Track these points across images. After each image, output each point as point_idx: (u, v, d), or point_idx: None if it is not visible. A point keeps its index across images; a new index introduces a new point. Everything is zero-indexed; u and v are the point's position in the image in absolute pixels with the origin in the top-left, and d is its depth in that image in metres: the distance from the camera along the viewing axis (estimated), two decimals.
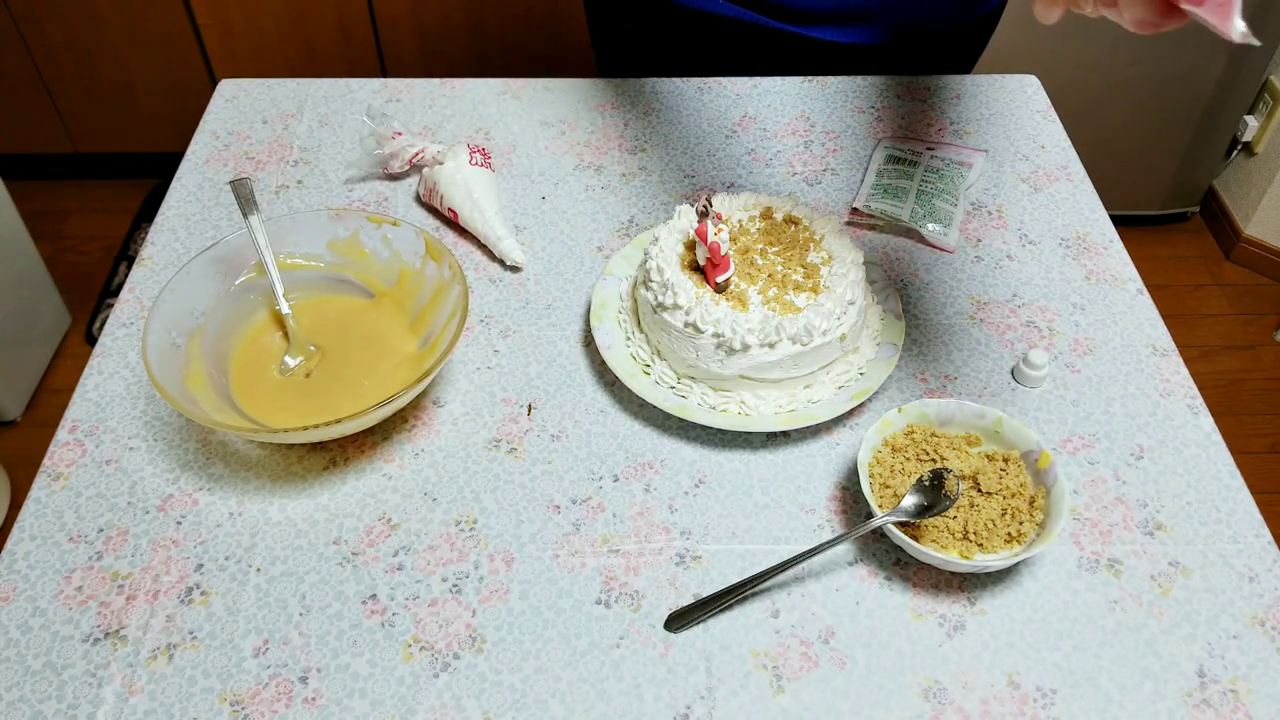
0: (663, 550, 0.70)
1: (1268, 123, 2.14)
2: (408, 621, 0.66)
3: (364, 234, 0.83)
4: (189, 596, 0.67)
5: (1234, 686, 0.64)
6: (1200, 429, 0.78)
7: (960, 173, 0.97)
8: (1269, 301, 2.21)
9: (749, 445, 0.77)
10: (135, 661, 0.64)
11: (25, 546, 0.70)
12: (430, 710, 0.62)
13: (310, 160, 1.00)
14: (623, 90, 1.08)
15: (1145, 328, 0.86)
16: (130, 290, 0.87)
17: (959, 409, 0.74)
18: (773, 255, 0.79)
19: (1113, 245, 0.93)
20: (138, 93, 2.19)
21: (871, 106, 1.07)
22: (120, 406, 0.78)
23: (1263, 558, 0.70)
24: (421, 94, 1.08)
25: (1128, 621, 0.67)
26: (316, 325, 0.81)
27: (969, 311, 0.87)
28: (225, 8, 2.03)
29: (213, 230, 0.93)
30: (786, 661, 0.65)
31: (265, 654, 0.64)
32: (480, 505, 0.73)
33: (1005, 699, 0.63)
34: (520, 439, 0.77)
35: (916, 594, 0.68)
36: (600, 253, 0.91)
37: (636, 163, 1.00)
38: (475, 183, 0.91)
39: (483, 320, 0.85)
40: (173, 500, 0.73)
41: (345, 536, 0.71)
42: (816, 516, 0.72)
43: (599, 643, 0.65)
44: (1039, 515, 0.69)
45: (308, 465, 0.75)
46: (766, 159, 1.01)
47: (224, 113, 1.06)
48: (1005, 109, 1.07)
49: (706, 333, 0.74)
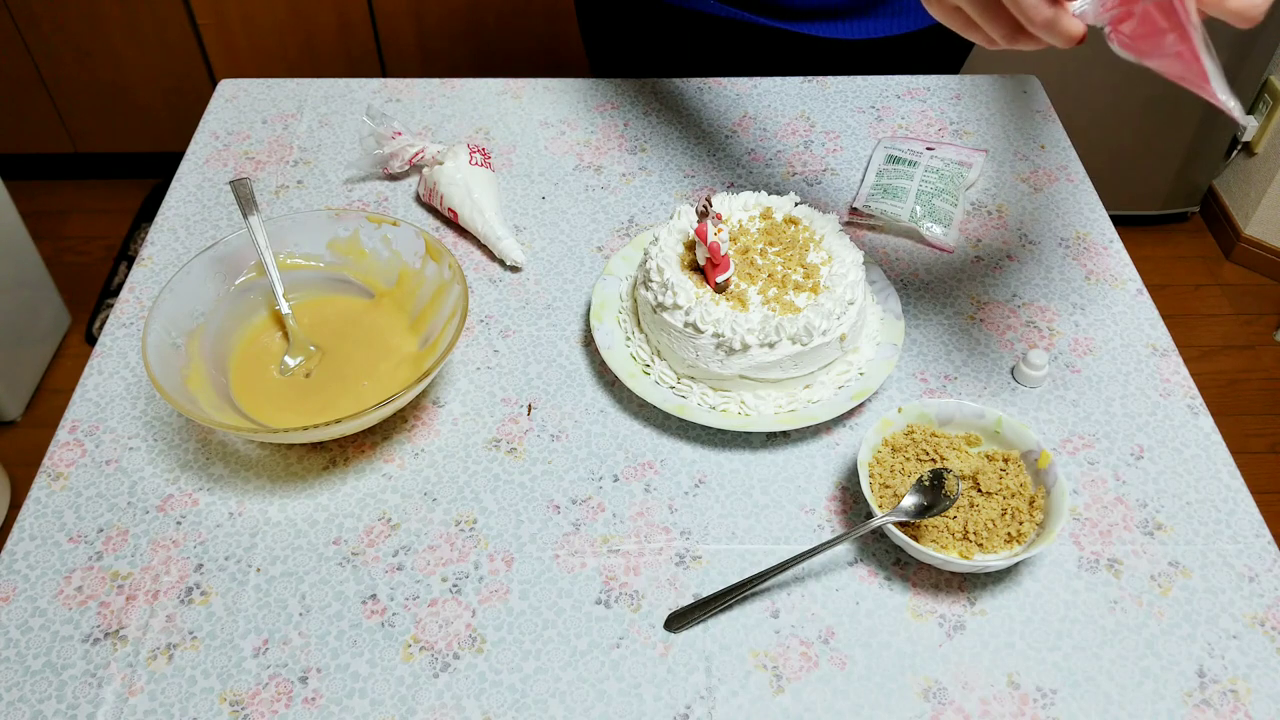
0: (663, 550, 0.70)
1: (1268, 123, 2.14)
2: (408, 621, 0.66)
3: (364, 234, 0.83)
4: (189, 596, 0.67)
5: (1234, 686, 0.64)
6: (1200, 429, 0.78)
7: (960, 173, 0.97)
8: (1269, 301, 2.21)
9: (749, 445, 0.77)
10: (135, 661, 0.64)
11: (25, 546, 0.70)
12: (430, 710, 0.62)
13: (310, 160, 1.00)
14: (623, 90, 1.08)
15: (1145, 328, 0.86)
16: (130, 290, 0.87)
17: (959, 409, 0.74)
18: (773, 255, 0.79)
19: (1113, 245, 0.93)
20: (138, 93, 2.19)
21: (871, 106, 1.07)
22: (120, 406, 0.78)
23: (1262, 558, 0.70)
24: (421, 94, 1.08)
25: (1128, 621, 0.67)
26: (316, 325, 0.81)
27: (969, 311, 0.87)
28: (225, 8, 2.03)
29: (213, 230, 0.93)
30: (786, 661, 0.65)
31: (265, 654, 0.64)
32: (480, 505, 0.73)
33: (1005, 699, 0.63)
34: (520, 439, 0.77)
35: (916, 594, 0.68)
36: (600, 253, 0.91)
37: (636, 163, 1.00)
38: (475, 183, 0.91)
39: (483, 320, 0.85)
40: (173, 500, 0.73)
41: (345, 536, 0.71)
42: (816, 516, 0.72)
43: (599, 643, 0.65)
44: (1039, 515, 0.69)
45: (308, 465, 0.75)
46: (766, 159, 1.01)
47: (224, 113, 1.06)
48: (1005, 109, 1.07)
49: (706, 333, 0.74)
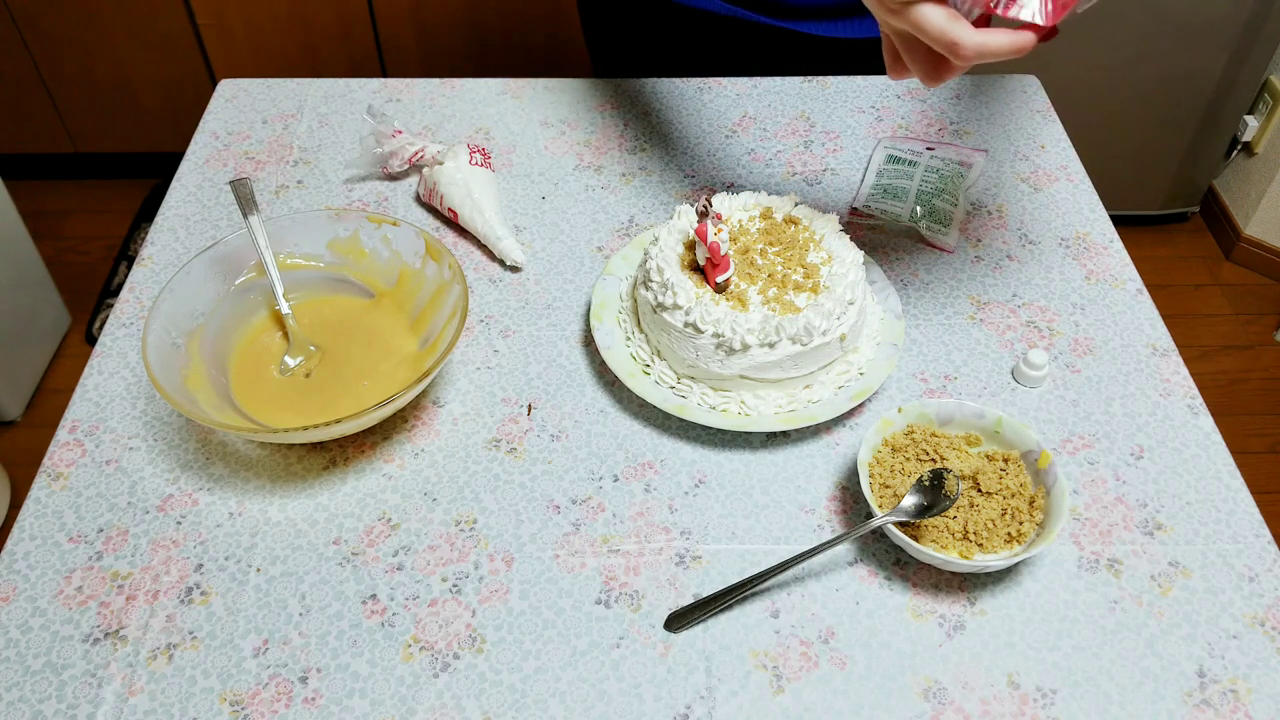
0: (663, 550, 0.70)
1: (1268, 123, 2.14)
2: (408, 621, 0.66)
3: (364, 234, 0.83)
4: (189, 596, 0.67)
5: (1234, 686, 0.64)
6: (1200, 429, 0.78)
7: (960, 173, 0.97)
8: (1269, 301, 2.21)
9: (749, 445, 0.76)
10: (135, 661, 0.64)
11: (25, 546, 0.70)
12: (430, 710, 0.62)
13: (310, 160, 1.00)
14: (623, 90, 1.08)
15: (1145, 328, 0.86)
16: (130, 290, 0.87)
17: (959, 409, 0.73)
18: (773, 255, 0.79)
19: (1113, 245, 0.93)
20: (138, 93, 2.19)
21: (871, 106, 1.07)
22: (120, 406, 0.78)
23: (1262, 558, 0.70)
24: (421, 94, 1.08)
25: (1128, 621, 0.67)
26: (316, 325, 0.81)
27: (969, 311, 0.87)
28: (225, 8, 2.03)
29: (213, 230, 0.93)
30: (786, 661, 0.64)
31: (265, 654, 0.64)
32: (480, 505, 0.73)
33: (1005, 699, 0.63)
34: (520, 439, 0.77)
35: (916, 594, 0.68)
36: (600, 253, 0.91)
37: (636, 163, 1.00)
38: (475, 183, 0.91)
39: (483, 320, 0.85)
40: (173, 500, 0.73)
41: (345, 536, 0.71)
42: (816, 516, 0.72)
43: (599, 643, 0.65)
44: (1039, 515, 0.69)
45: (308, 465, 0.75)
46: (766, 159, 1.01)
47: (224, 113, 1.06)
48: (1005, 109, 1.07)
49: (706, 333, 0.74)
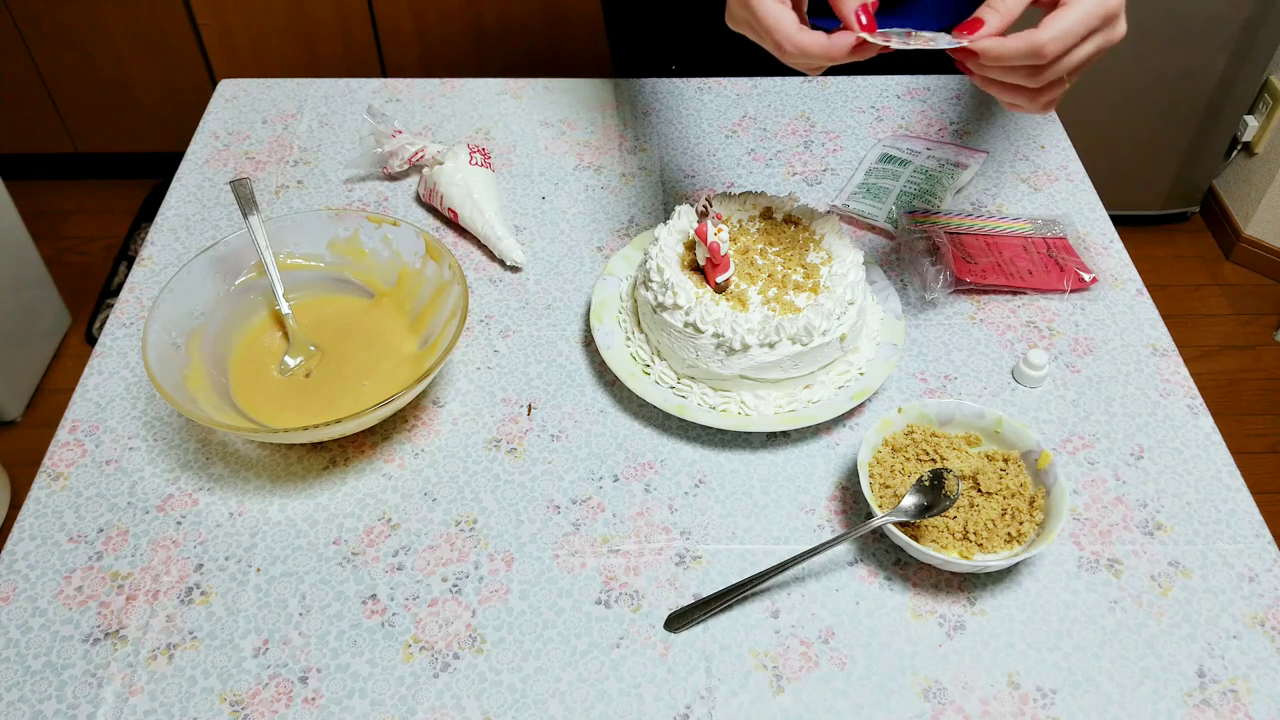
0: (663, 550, 0.70)
1: (1268, 123, 2.14)
2: (408, 621, 0.66)
3: (364, 234, 0.83)
4: (189, 596, 0.67)
5: (1234, 686, 0.64)
6: (1200, 429, 0.78)
7: (953, 173, 0.97)
8: (1269, 301, 2.21)
9: (749, 445, 0.76)
10: (135, 661, 0.64)
11: (25, 546, 0.70)
12: (430, 710, 0.62)
13: (310, 160, 1.00)
14: (623, 90, 1.08)
15: (1145, 328, 0.86)
16: (130, 290, 0.87)
17: (959, 409, 0.73)
18: (773, 255, 0.79)
19: (1113, 245, 0.93)
20: (138, 93, 2.19)
21: (871, 106, 1.07)
22: (120, 406, 0.78)
23: (1262, 558, 0.70)
24: (421, 94, 1.08)
25: (1128, 621, 0.67)
26: (316, 325, 0.81)
27: (969, 311, 0.87)
28: (225, 8, 2.03)
29: (213, 230, 0.93)
30: (786, 661, 0.65)
31: (265, 654, 0.64)
32: (480, 505, 0.73)
33: (1005, 699, 0.63)
34: (520, 439, 0.77)
35: (916, 594, 0.68)
36: (600, 253, 0.91)
37: (636, 163, 1.00)
38: (475, 183, 0.91)
39: (483, 320, 0.85)
40: (173, 500, 0.73)
41: (345, 536, 0.71)
42: (816, 516, 0.72)
43: (599, 643, 0.65)
44: (1039, 515, 0.69)
45: (308, 465, 0.75)
46: (766, 159, 1.01)
47: (224, 113, 1.06)
48: (1005, 109, 1.07)
49: (706, 333, 0.74)
